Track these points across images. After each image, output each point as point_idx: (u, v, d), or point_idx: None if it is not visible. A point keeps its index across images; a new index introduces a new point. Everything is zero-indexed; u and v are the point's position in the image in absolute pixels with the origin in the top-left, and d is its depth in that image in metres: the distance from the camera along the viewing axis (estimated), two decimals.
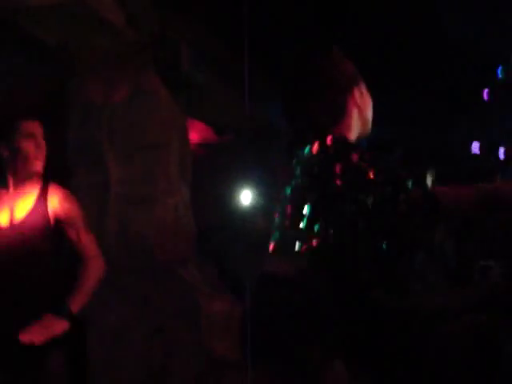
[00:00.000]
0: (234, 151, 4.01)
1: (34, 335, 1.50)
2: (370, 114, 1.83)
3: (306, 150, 1.73)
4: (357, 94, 1.75)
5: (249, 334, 1.62)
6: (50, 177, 1.59)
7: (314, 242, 1.58)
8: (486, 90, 8.17)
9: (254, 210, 4.78)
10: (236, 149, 4.04)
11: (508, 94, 7.68)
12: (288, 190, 1.67)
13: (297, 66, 1.97)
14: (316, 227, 1.59)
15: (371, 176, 1.61)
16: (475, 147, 6.02)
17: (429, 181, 4.35)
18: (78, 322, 1.59)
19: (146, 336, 1.95)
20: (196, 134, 3.89)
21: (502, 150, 5.90)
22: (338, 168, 1.60)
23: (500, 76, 7.72)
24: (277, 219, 1.68)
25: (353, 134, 1.80)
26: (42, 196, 1.57)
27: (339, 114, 1.79)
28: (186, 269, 1.98)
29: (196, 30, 2.70)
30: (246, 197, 4.41)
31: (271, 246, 1.64)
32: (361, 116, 1.84)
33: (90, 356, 1.97)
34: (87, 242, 1.59)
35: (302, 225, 1.58)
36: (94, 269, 1.63)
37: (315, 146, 1.71)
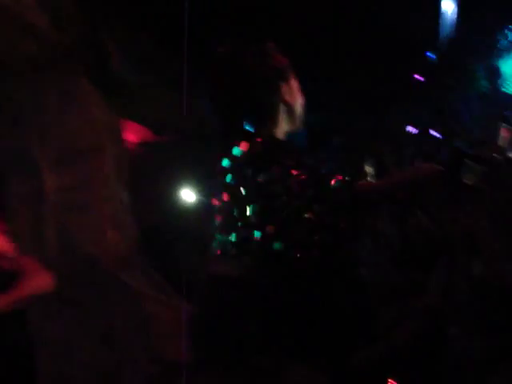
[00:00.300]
0: (172, 151, 3.98)
1: None
2: (299, 109, 1.81)
3: (235, 150, 1.69)
4: (285, 89, 1.72)
5: (195, 336, 1.61)
6: None
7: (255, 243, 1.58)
8: (417, 74, 8.30)
9: (195, 210, 4.75)
10: (175, 148, 4.01)
11: (441, 76, 7.81)
12: (222, 195, 1.65)
13: (223, 61, 1.91)
14: (256, 232, 1.60)
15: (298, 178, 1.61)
16: (412, 129, 6.12)
17: (369, 170, 4.39)
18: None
19: (95, 345, 1.91)
20: (133, 134, 3.84)
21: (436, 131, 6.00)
22: (271, 171, 1.59)
23: (432, 59, 7.85)
24: (217, 222, 1.66)
25: (280, 131, 1.77)
26: None
27: (264, 111, 1.76)
28: (129, 274, 1.94)
29: (125, 28, 2.65)
30: (187, 197, 4.39)
31: (218, 251, 1.62)
32: (290, 112, 1.82)
33: (39, 370, 1.94)
34: None
35: (240, 228, 1.57)
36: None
37: (244, 147, 1.67)
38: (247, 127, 1.85)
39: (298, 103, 1.90)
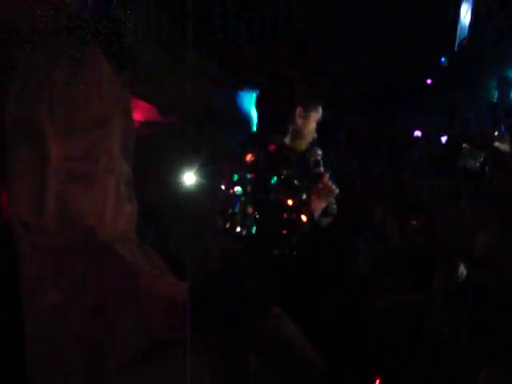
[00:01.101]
0: (178, 132, 3.97)
1: None
2: (313, 126, 2.07)
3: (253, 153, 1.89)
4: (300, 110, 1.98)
5: (190, 309, 1.64)
6: None
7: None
8: (429, 79, 8.29)
9: (196, 192, 4.75)
10: (181, 130, 4.01)
11: (451, 83, 7.78)
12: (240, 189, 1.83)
13: (272, 80, 2.22)
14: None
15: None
16: (418, 133, 6.12)
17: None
18: None
19: (85, 314, 1.92)
20: (140, 113, 3.83)
21: (444, 137, 6.01)
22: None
23: (443, 64, 7.84)
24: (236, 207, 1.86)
25: (297, 142, 2.01)
26: None
27: (287, 123, 2.02)
28: (126, 248, 1.95)
29: (143, 5, 2.65)
30: (189, 179, 4.39)
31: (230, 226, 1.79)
32: (305, 127, 2.09)
33: (28, 332, 1.95)
34: None
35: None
36: None
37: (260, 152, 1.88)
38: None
39: (313, 122, 2.17)
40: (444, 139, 6.70)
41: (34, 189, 1.92)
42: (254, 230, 1.82)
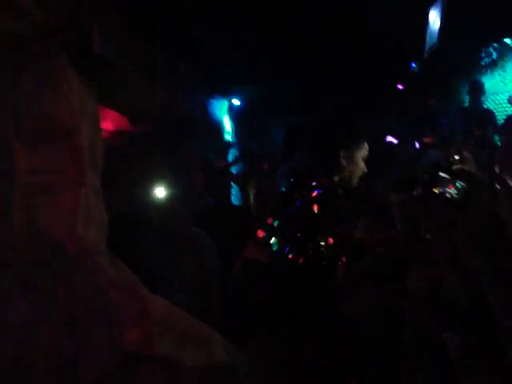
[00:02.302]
0: (149, 141, 3.94)
1: None
2: (361, 163, 2.41)
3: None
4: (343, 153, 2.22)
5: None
6: None
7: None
8: (400, 83, 8.34)
9: (168, 203, 4.72)
10: (151, 138, 3.98)
11: (422, 86, 7.83)
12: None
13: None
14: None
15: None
16: (391, 139, 6.14)
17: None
18: None
19: (56, 330, 1.88)
20: (109, 122, 3.80)
21: (417, 141, 6.04)
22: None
23: (414, 69, 7.89)
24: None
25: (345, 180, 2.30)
26: None
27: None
28: (96, 261, 1.91)
29: (109, 15, 2.63)
30: (161, 189, 4.36)
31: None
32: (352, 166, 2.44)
33: None
34: None
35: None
36: None
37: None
38: None
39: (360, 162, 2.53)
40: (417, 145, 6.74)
41: (1, 202, 1.88)
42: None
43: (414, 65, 8.72)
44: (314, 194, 2.47)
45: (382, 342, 2.98)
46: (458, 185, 2.10)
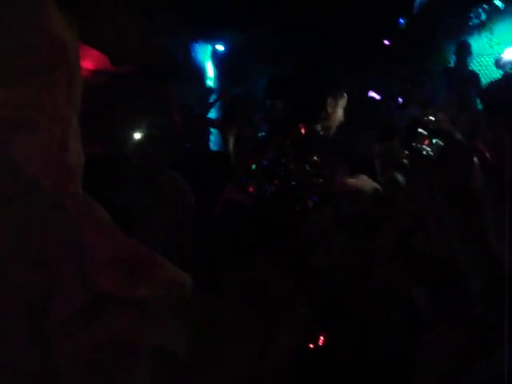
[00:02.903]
0: (130, 82, 3.88)
1: None
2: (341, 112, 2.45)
3: None
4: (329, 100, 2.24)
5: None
6: None
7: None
8: (387, 40, 8.29)
9: (146, 146, 4.69)
10: (132, 80, 3.92)
11: (408, 43, 7.80)
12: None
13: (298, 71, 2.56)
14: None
15: None
16: (374, 94, 6.13)
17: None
18: None
19: (27, 268, 1.87)
20: (90, 61, 3.73)
21: (399, 97, 6.05)
22: None
23: (402, 25, 7.85)
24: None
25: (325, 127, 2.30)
26: None
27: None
28: (71, 200, 1.89)
29: None
30: (140, 132, 4.32)
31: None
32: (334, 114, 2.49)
33: None
34: None
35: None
36: None
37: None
38: None
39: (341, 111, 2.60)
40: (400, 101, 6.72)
41: None
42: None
43: (401, 21, 8.64)
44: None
45: (353, 294, 3.02)
46: (434, 142, 2.10)
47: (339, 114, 2.77)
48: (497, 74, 8.67)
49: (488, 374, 1.78)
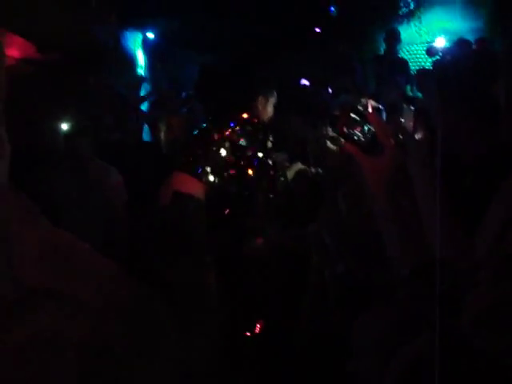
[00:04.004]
0: (57, 70, 3.78)
1: None
2: (271, 109, 2.46)
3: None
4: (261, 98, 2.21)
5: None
6: None
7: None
8: (317, 27, 8.34)
9: (75, 134, 4.60)
10: (60, 68, 3.81)
11: (339, 30, 7.85)
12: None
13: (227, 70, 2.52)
14: None
15: None
16: (305, 82, 6.15)
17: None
18: None
19: None
20: (15, 49, 3.61)
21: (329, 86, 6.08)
22: None
23: (333, 13, 7.89)
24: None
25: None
26: None
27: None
28: None
29: None
30: (68, 121, 4.22)
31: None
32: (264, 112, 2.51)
33: None
34: None
35: None
36: None
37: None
38: None
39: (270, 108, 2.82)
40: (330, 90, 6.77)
41: None
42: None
43: (332, 9, 8.70)
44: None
45: (287, 282, 3.02)
46: (365, 128, 2.11)
47: (269, 111, 2.75)
48: (427, 62, 8.84)
49: (408, 361, 1.80)
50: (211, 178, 2.66)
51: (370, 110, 2.47)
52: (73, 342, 1.57)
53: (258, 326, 3.06)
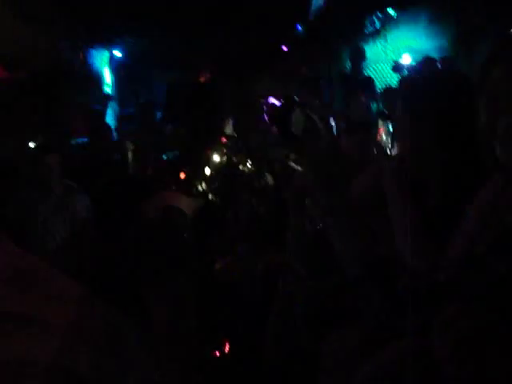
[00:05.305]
0: (23, 89, 3.75)
1: None
2: None
3: None
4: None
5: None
6: None
7: None
8: (283, 45, 8.38)
9: (41, 154, 4.55)
10: (26, 86, 3.78)
11: (306, 49, 7.90)
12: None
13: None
14: None
15: None
16: (274, 100, 6.19)
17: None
18: None
19: None
20: None
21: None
22: None
23: (299, 32, 7.95)
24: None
25: None
26: None
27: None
28: None
29: None
30: (35, 139, 4.18)
31: None
32: None
33: None
34: None
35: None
36: None
37: None
38: None
39: None
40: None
41: None
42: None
43: (299, 27, 8.77)
44: None
45: (256, 303, 3.01)
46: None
47: (231, 130, 2.90)
48: (392, 79, 8.95)
49: (372, 372, 1.80)
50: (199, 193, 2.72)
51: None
52: (40, 367, 1.54)
53: (227, 345, 3.05)
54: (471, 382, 1.29)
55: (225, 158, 3.86)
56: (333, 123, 3.98)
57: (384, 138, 5.88)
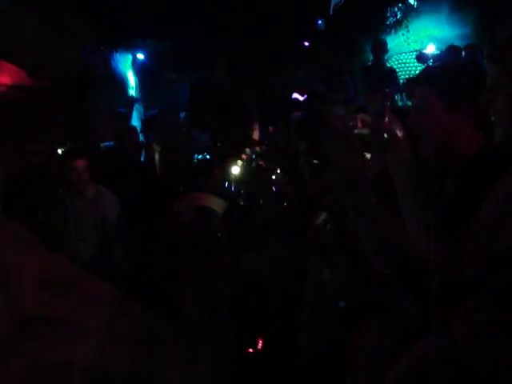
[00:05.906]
0: (48, 96, 3.79)
1: None
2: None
3: None
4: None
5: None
6: None
7: None
8: (306, 41, 8.35)
9: (69, 159, 4.61)
10: (51, 93, 3.82)
11: (327, 43, 7.86)
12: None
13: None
14: None
15: None
16: (297, 95, 6.17)
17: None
18: None
19: None
20: (7, 76, 3.63)
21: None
22: None
23: (320, 26, 7.91)
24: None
25: None
26: None
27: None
28: None
29: None
30: (62, 145, 4.23)
31: None
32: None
33: None
34: None
35: None
36: None
37: None
38: None
39: None
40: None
41: None
42: None
43: (320, 22, 8.74)
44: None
45: (288, 299, 3.02)
46: None
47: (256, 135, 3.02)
48: (416, 69, 8.87)
49: (405, 370, 1.79)
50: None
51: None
52: (76, 369, 1.57)
53: (260, 342, 3.06)
54: (490, 369, 1.29)
55: (254, 165, 3.91)
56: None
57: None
